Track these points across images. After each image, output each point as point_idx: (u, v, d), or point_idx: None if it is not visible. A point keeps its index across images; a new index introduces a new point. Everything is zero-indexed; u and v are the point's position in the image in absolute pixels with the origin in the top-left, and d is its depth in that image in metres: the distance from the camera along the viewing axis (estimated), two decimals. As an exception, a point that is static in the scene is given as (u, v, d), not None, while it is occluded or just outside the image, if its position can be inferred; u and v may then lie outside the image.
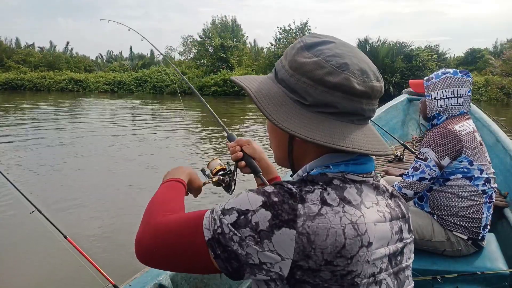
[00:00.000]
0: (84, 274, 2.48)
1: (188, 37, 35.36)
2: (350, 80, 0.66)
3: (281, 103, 0.70)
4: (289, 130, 0.67)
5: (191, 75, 28.60)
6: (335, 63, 0.66)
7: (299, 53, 0.70)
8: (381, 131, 4.23)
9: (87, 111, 16.17)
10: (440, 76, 1.96)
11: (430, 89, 1.97)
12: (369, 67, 0.69)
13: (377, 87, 0.69)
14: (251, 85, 0.75)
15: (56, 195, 5.33)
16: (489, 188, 1.90)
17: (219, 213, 0.67)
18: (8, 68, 33.14)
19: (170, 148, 8.75)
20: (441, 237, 1.94)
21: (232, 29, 31.60)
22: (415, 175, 1.91)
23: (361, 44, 23.13)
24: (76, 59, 39.17)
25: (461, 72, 1.96)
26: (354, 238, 0.63)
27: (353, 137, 0.67)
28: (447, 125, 1.91)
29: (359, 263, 0.63)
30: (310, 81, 0.67)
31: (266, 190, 0.66)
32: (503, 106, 19.64)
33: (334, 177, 0.69)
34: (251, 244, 0.63)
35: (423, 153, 1.91)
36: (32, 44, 39.75)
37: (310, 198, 0.65)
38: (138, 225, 0.79)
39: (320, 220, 0.62)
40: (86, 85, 29.85)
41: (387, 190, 0.76)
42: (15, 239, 3.98)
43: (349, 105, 0.67)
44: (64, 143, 8.94)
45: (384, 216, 0.70)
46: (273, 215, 0.63)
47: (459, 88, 1.92)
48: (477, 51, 32.30)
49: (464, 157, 1.86)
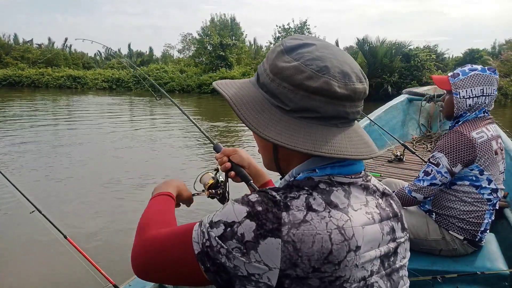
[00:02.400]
0: (84, 274, 2.48)
1: (187, 34, 35.37)
2: (330, 83, 0.64)
3: (261, 109, 0.69)
4: (268, 137, 0.66)
5: (189, 73, 28.58)
6: (315, 67, 0.65)
7: (279, 57, 0.69)
8: (381, 131, 4.23)
9: (86, 109, 16.11)
10: (467, 73, 1.84)
11: (458, 87, 1.85)
12: (351, 69, 0.67)
13: (360, 89, 0.67)
14: (229, 90, 0.73)
15: (56, 195, 5.30)
16: (495, 197, 1.87)
17: (207, 226, 0.66)
18: (6, 65, 32.98)
19: (170, 148, 8.73)
20: (436, 236, 1.92)
21: (231, 27, 31.59)
22: (426, 180, 1.86)
23: (360, 43, 23.10)
24: (74, 56, 39.07)
25: (489, 69, 1.85)
26: (341, 243, 0.62)
27: (335, 142, 0.66)
28: (464, 130, 1.81)
29: (347, 268, 0.62)
30: (291, 86, 0.66)
31: (250, 199, 0.65)
32: (500, 106, 19.71)
33: (320, 180, 0.68)
34: (238, 256, 0.62)
35: (435, 158, 1.84)
36: (31, 40, 39.64)
37: (295, 204, 0.63)
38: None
39: (306, 227, 0.61)
40: (84, 82, 29.75)
41: (378, 190, 0.74)
42: (15, 239, 3.96)
43: (331, 109, 0.66)
44: (64, 143, 8.88)
45: (373, 217, 0.68)
46: (258, 225, 0.62)
47: (488, 86, 1.82)
48: (475, 52, 32.45)
49: (476, 165, 1.81)
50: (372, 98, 22.91)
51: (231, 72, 27.33)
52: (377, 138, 4.48)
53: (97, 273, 2.14)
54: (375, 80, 21.99)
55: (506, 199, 2.91)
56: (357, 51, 23.71)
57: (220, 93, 0.73)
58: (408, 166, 4.20)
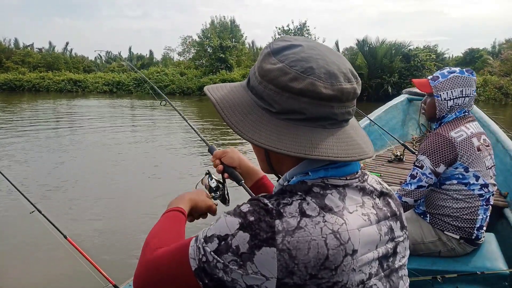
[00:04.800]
0: (84, 274, 2.49)
1: (187, 37, 35.36)
2: (315, 84, 0.63)
3: (248, 112, 0.68)
4: (253, 140, 0.65)
5: (190, 75, 28.61)
6: (300, 68, 0.64)
7: (265, 59, 0.68)
8: (381, 131, 4.23)
9: (87, 112, 16.14)
10: (447, 76, 1.90)
11: (439, 89, 1.91)
12: (339, 69, 0.66)
13: (348, 89, 0.66)
14: (216, 93, 0.73)
15: (56, 195, 5.32)
16: (486, 192, 1.88)
17: (202, 241, 0.66)
18: (7, 69, 33.05)
19: (170, 149, 8.74)
20: (432, 238, 1.93)
21: (231, 29, 31.60)
22: (412, 183, 1.90)
23: (360, 44, 23.12)
24: (75, 59, 39.13)
25: (467, 71, 1.92)
26: (337, 248, 0.61)
27: (322, 144, 0.65)
28: (443, 131, 1.87)
29: (345, 273, 0.62)
30: (276, 88, 0.65)
31: (242, 210, 0.65)
32: (501, 106, 19.70)
33: (314, 184, 0.67)
34: (234, 269, 0.62)
35: (419, 161, 1.89)
36: (31, 45, 39.69)
37: (289, 211, 0.63)
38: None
39: (300, 234, 0.60)
40: (85, 86, 29.81)
41: (375, 189, 0.73)
42: (15, 239, 3.98)
43: (317, 110, 0.65)
44: (64, 143, 8.93)
45: (369, 219, 0.68)
46: (251, 236, 0.61)
47: (467, 87, 1.88)
48: (475, 52, 32.44)
49: (459, 163, 1.84)
50: (372, 98, 22.87)
51: (231, 74, 27.36)
52: (377, 138, 4.48)
53: (97, 273, 2.14)
54: (375, 80, 22.00)
55: (506, 199, 2.90)
56: (357, 52, 23.71)
57: (208, 96, 0.73)
58: (408, 166, 4.19)
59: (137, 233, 4.05)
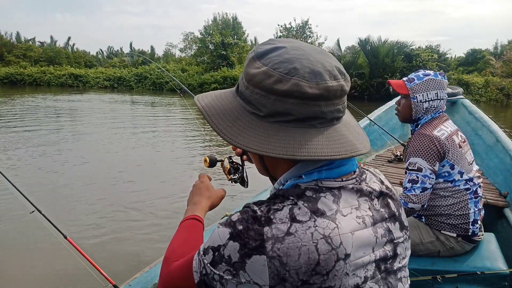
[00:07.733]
0: (84, 274, 2.49)
1: (189, 33, 35.31)
2: (300, 85, 0.63)
3: (236, 117, 0.68)
4: (241, 145, 0.65)
5: (191, 72, 28.60)
6: (283, 70, 0.64)
7: (250, 64, 0.68)
8: (381, 131, 4.23)
9: (88, 109, 16.12)
10: (422, 78, 1.94)
11: (415, 91, 1.94)
12: (324, 67, 0.65)
13: (334, 87, 0.65)
14: (204, 100, 0.73)
15: (56, 195, 5.30)
16: (472, 185, 1.90)
17: (201, 253, 0.67)
18: (8, 63, 33.08)
19: (171, 146, 8.75)
20: (430, 238, 1.94)
21: (233, 26, 31.58)
22: (416, 188, 1.86)
23: (362, 43, 23.11)
24: (76, 54, 39.13)
25: (440, 74, 1.96)
26: (328, 253, 0.60)
27: (311, 143, 0.64)
28: (426, 131, 1.88)
29: (337, 278, 0.61)
30: (262, 92, 0.65)
31: (232, 219, 0.65)
32: (502, 107, 19.64)
33: (307, 187, 0.66)
34: (229, 278, 0.63)
35: (414, 164, 1.87)
36: (33, 39, 39.73)
37: (279, 217, 0.62)
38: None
39: (290, 240, 0.60)
40: (86, 81, 29.84)
41: (374, 190, 0.72)
42: (15, 239, 3.96)
43: (305, 110, 0.64)
44: (64, 142, 8.88)
45: (364, 222, 0.67)
46: (241, 245, 0.61)
47: (441, 90, 1.93)
48: (477, 52, 32.31)
49: (446, 161, 1.86)
50: (374, 98, 22.82)
51: (233, 71, 27.34)
52: (377, 138, 4.47)
53: (97, 273, 2.14)
54: (376, 80, 21.98)
55: (506, 199, 2.90)
56: (359, 51, 23.69)
57: (196, 104, 0.73)
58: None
59: (137, 233, 4.05)
